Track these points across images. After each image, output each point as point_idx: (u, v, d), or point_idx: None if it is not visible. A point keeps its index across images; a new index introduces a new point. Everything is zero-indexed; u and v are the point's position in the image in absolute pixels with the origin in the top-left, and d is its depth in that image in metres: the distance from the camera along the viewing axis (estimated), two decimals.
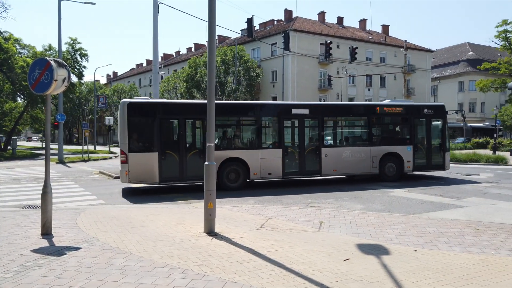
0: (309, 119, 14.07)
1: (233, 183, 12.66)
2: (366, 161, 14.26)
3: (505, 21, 36.97)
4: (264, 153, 13.09)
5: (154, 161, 11.85)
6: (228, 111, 13.78)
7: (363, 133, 14.95)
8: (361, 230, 7.04)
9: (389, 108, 15.08)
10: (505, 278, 4.61)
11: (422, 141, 15.14)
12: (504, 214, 8.78)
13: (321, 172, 13.78)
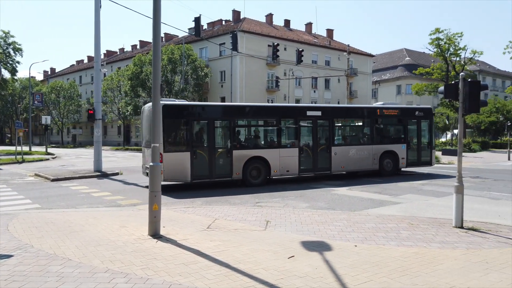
0: (321, 120, 15.10)
1: (255, 180, 13.58)
2: (368, 159, 15.74)
3: (438, 29, 39.80)
4: (283, 152, 14.16)
5: (186, 160, 12.48)
6: (251, 113, 14.66)
7: (366, 133, 16.32)
8: (305, 227, 7.23)
9: (388, 110, 16.59)
10: (435, 269, 4.97)
11: (413, 140, 16.81)
12: (435, 209, 9.46)
13: (331, 169, 15.03)
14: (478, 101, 7.13)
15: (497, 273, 4.82)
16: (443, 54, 40.49)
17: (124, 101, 48.81)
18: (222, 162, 13.11)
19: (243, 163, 13.30)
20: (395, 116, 16.75)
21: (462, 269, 4.94)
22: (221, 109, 14.67)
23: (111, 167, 20.46)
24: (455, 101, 7.50)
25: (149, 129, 12.78)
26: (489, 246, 6.08)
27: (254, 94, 46.42)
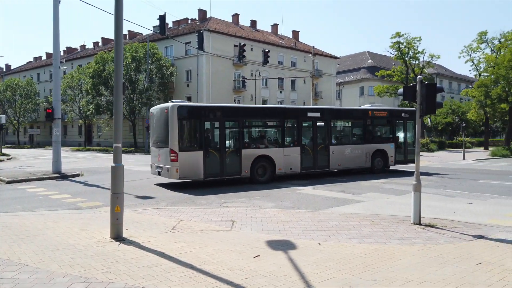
0: (320, 121, 16.14)
1: (261, 177, 14.39)
2: (362, 157, 17.00)
3: (398, 33, 41.32)
4: (287, 151, 15.01)
5: (199, 159, 13.03)
6: (258, 114, 15.69)
7: (360, 133, 17.51)
8: (271, 227, 7.30)
9: (378, 112, 17.90)
10: (394, 264, 5.16)
11: (400, 139, 18.23)
12: (395, 207, 9.81)
13: (329, 166, 16.11)
14: (434, 102, 7.47)
15: (452, 267, 5.07)
16: (403, 57, 42.08)
17: (85, 100, 47.18)
18: (232, 160, 13.79)
19: (251, 161, 14.08)
20: (384, 117, 18.11)
21: (419, 264, 5.15)
22: (231, 110, 15.33)
23: (72, 168, 19.73)
24: (413, 103, 7.81)
25: (158, 130, 13.73)
26: (444, 241, 6.38)
27: (221, 94, 46.24)
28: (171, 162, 12.65)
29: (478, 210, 9.39)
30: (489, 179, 15.76)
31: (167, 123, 12.90)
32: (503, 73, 34.35)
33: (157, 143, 13.94)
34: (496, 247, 6.01)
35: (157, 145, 13.93)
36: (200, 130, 13.34)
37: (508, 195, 11.57)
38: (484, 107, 39.88)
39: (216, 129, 13.80)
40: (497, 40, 40.43)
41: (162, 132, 13.31)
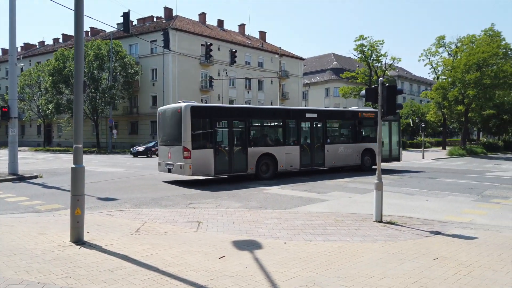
0: (317, 122, 17.30)
1: (265, 174, 15.31)
2: (353, 155, 18.26)
3: (362, 36, 42.45)
4: (288, 149, 16.02)
5: (210, 157, 13.81)
6: (262, 114, 16.69)
7: (351, 133, 18.76)
8: (237, 227, 7.29)
9: (367, 113, 19.12)
10: (357, 261, 5.30)
11: (386, 139, 19.29)
12: (359, 205, 10.07)
13: (324, 164, 17.35)
14: (394, 104, 7.74)
15: (411, 262, 5.27)
16: (367, 59, 43.27)
17: (44, 98, 45.23)
18: (239, 158, 14.66)
19: (256, 159, 14.99)
20: (372, 118, 19.03)
21: (380, 260, 5.32)
22: (238, 110, 16.34)
23: (30, 169, 18.87)
24: (375, 104, 8.05)
25: (169, 129, 14.49)
26: (404, 238, 6.62)
27: (187, 94, 45.72)
28: (184, 159, 13.35)
29: (436, 207, 9.81)
30: (446, 178, 16.50)
31: (179, 122, 13.62)
32: (459, 76, 36.05)
33: (167, 141, 14.64)
34: (452, 243, 6.30)
35: (167, 143, 14.63)
36: (210, 129, 14.12)
37: (464, 193, 12.17)
38: (442, 109, 41.67)
39: (225, 128, 14.78)
40: (454, 45, 42.40)
41: (174, 131, 14.06)
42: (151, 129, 46.96)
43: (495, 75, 35.25)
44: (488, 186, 13.68)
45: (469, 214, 8.99)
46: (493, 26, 38.99)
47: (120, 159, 29.95)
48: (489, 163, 27.76)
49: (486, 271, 4.90)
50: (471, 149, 38.67)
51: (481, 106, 39.17)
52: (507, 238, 6.57)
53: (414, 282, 4.53)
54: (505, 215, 8.89)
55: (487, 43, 36.46)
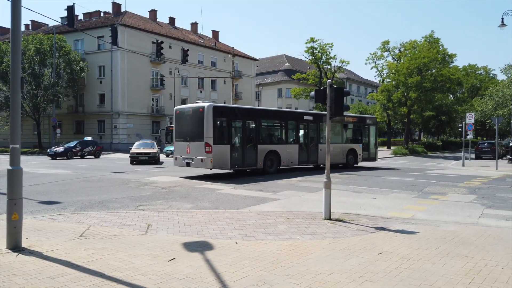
0: (312, 123, 19.42)
1: (270, 169, 17.20)
2: (340, 154, 20.52)
3: (313, 38, 43.53)
4: (289, 147, 18.09)
5: (227, 152, 15.45)
6: (270, 115, 18.69)
7: (340, 134, 21.01)
8: (188, 228, 7.18)
9: (352, 118, 22.34)
10: (306, 259, 5.41)
11: (365, 141, 22.12)
12: (309, 203, 10.31)
13: (318, 161, 19.52)
14: (342, 105, 8.01)
15: (357, 258, 5.47)
16: (317, 61, 44.44)
17: None
18: (250, 154, 16.44)
19: (264, 155, 16.84)
20: (356, 122, 22.11)
21: (328, 257, 5.47)
22: (250, 111, 18.11)
23: None
24: (324, 105, 8.27)
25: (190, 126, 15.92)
26: (351, 234, 6.87)
27: (137, 92, 44.45)
28: (206, 154, 14.76)
29: (381, 204, 10.28)
30: (390, 176, 17.36)
31: (202, 120, 15.03)
32: (402, 80, 38.09)
33: (186, 138, 15.95)
34: (394, 238, 6.63)
35: (185, 139, 15.93)
36: (228, 127, 15.90)
37: (406, 190, 12.86)
38: (386, 110, 43.79)
39: (240, 127, 16.39)
40: (397, 49, 44.73)
41: (195, 128, 15.48)
42: (98, 129, 45.08)
43: (434, 79, 37.63)
44: (428, 184, 14.55)
45: (410, 210, 9.51)
46: (433, 33, 41.60)
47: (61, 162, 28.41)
48: (429, 161, 29.59)
49: (425, 264, 5.21)
50: (413, 149, 41.03)
51: (422, 108, 41.66)
52: (444, 232, 7.02)
53: (360, 276, 4.71)
54: (442, 210, 9.51)
55: (428, 48, 38.83)
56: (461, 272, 4.90)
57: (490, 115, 31.78)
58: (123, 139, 43.47)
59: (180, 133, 16.41)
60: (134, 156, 23.90)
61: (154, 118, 46.15)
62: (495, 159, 22.48)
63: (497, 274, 4.83)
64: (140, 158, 23.86)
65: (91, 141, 32.92)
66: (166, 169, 20.15)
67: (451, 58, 42.28)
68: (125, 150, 39.16)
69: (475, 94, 58.42)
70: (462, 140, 26.80)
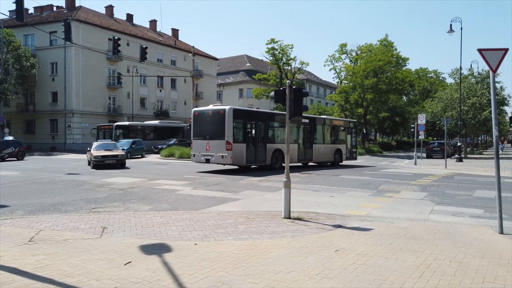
0: (308, 126, 21.97)
1: (275, 165, 19.29)
2: (329, 153, 23.16)
3: (273, 39, 43.94)
4: (291, 147, 18.83)
5: (243, 149, 17.68)
6: (276, 117, 20.40)
7: (329, 136, 23.77)
8: (146, 231, 7.01)
9: (338, 121, 25.64)
10: (265, 258, 5.44)
11: (348, 142, 24.91)
12: (269, 203, 10.38)
13: (312, 159, 22.15)
14: (301, 106, 8.14)
15: (315, 255, 5.57)
16: (278, 62, 44.93)
17: None
18: (261, 152, 18.64)
19: (271, 153, 19.06)
20: (341, 125, 25.11)
21: (287, 256, 5.53)
22: (262, 113, 20.80)
23: None
24: (283, 105, 8.36)
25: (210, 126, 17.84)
26: (310, 232, 6.99)
27: (93, 91, 42.88)
28: (226, 151, 16.90)
29: (338, 202, 10.54)
30: (347, 175, 17.87)
31: (223, 121, 17.06)
32: (359, 81, 39.37)
33: (205, 136, 17.94)
34: (351, 235, 6.82)
35: (205, 138, 17.92)
36: (243, 127, 18.06)
37: (362, 188, 13.29)
38: (344, 111, 45.07)
39: (253, 128, 18.60)
40: (354, 52, 46.14)
41: (216, 128, 17.47)
42: (51, 128, 43.04)
43: (389, 81, 39.17)
44: (383, 182, 15.12)
45: (366, 207, 9.83)
46: (387, 37, 43.32)
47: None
48: (384, 160, 30.76)
49: (380, 259, 5.40)
50: (369, 148, 42.49)
51: (378, 109, 43.28)
52: (397, 228, 7.31)
53: (317, 274, 4.80)
54: (396, 207, 9.91)
55: (383, 52, 40.37)
56: (413, 266, 5.12)
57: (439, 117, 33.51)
58: (78, 139, 41.78)
59: (199, 133, 18.38)
60: (99, 160, 20.44)
61: (111, 118, 44.68)
62: (445, 158, 23.74)
63: (445, 267, 5.10)
64: (107, 162, 20.58)
65: (13, 142, 29.17)
66: (129, 171, 19.55)
67: (404, 62, 44.22)
68: (80, 150, 37.69)
69: (426, 96, 61.40)
70: (415, 140, 28.08)
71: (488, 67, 7.36)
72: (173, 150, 29.33)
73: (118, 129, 36.58)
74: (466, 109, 32.11)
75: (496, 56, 7.18)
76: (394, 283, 4.52)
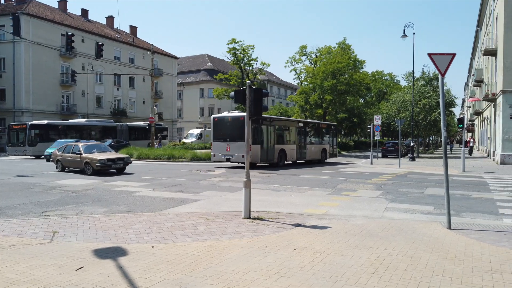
0: (303, 128, 25.59)
1: (279, 163, 22.23)
2: (318, 152, 26.72)
3: (234, 39, 43.86)
4: (291, 147, 23.61)
5: (258, 150, 20.54)
6: (280, 122, 24.03)
7: (317, 137, 27.65)
8: (100, 234, 6.75)
9: (323, 124, 29.24)
10: (224, 259, 5.40)
11: (330, 142, 28.94)
12: (230, 203, 10.34)
13: (306, 158, 25.32)
14: (261, 106, 8.16)
15: (274, 254, 5.60)
16: (239, 63, 44.90)
17: None
18: (270, 151, 21.65)
19: (277, 152, 22.09)
20: (326, 127, 28.95)
21: (246, 256, 5.52)
22: (271, 119, 23.04)
23: None
24: (244, 105, 8.35)
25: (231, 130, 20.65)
26: (269, 232, 7.02)
27: (44, 88, 40.86)
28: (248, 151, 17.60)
29: (298, 202, 10.69)
30: (307, 174, 18.16)
31: (243, 126, 18.51)
32: (319, 83, 40.15)
33: (225, 139, 20.73)
34: (309, 233, 6.92)
35: (225, 140, 20.73)
36: (258, 131, 20.78)
37: (321, 187, 13.55)
38: (304, 112, 45.79)
39: (265, 131, 21.45)
40: (314, 54, 47.02)
41: (236, 132, 20.20)
42: None
43: (347, 83, 40.27)
44: (341, 181, 15.51)
45: (324, 206, 10.03)
46: (345, 40, 44.53)
47: None
48: (342, 160, 31.50)
49: (336, 257, 5.51)
50: None
51: (336, 110, 44.33)
52: (354, 226, 7.52)
53: (276, 273, 4.83)
54: (353, 205, 10.19)
55: (341, 54, 41.44)
56: (367, 262, 5.28)
57: (394, 118, 34.89)
58: None
59: (219, 136, 21.11)
60: (105, 164, 17.00)
61: (64, 117, 42.75)
62: (399, 157, 24.75)
63: (397, 262, 5.29)
64: (114, 167, 17.59)
65: None
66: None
67: (361, 64, 45.65)
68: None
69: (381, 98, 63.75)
70: (371, 140, 29.05)
71: (437, 71, 7.73)
72: (131, 151, 28.54)
73: (34, 129, 31.48)
74: (418, 111, 33.63)
75: (444, 60, 7.57)
76: (349, 279, 4.63)
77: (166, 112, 56.79)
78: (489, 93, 29.06)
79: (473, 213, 9.18)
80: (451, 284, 4.53)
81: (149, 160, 26.40)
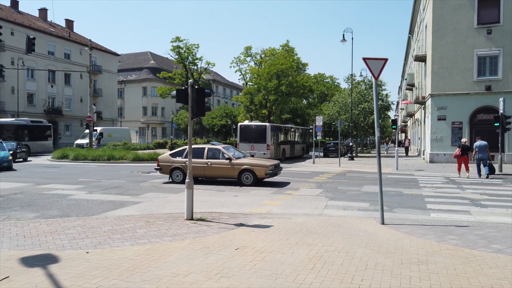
0: (294, 131, 32.79)
1: (282, 156, 28.16)
2: (300, 149, 33.42)
3: (178, 38, 43.04)
4: (288, 146, 30.16)
5: (273, 149, 26.62)
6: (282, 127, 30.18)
7: (301, 137, 34.63)
8: (29, 241, 6.30)
9: (304, 128, 36.67)
10: (164, 261, 5.28)
11: (308, 141, 36.51)
12: (172, 205, 10.14)
13: (294, 154, 31.31)
14: (203, 106, 8.08)
15: (215, 255, 5.58)
16: (183, 61, 44.16)
17: None
18: (279, 150, 27.77)
19: (281, 150, 28.18)
20: (305, 129, 36.51)
21: (187, 257, 5.45)
22: (281, 127, 29.58)
23: None
24: (186, 105, 8.22)
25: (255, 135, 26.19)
26: (212, 232, 6.98)
27: None
28: (267, 150, 25.56)
29: (242, 201, 10.74)
30: None
31: (264, 132, 25.89)
32: (263, 84, 40.63)
33: (250, 141, 26.14)
34: (252, 232, 6.98)
35: (250, 142, 26.12)
36: (274, 135, 26.87)
37: (265, 187, 13.72)
38: (250, 112, 46.12)
39: (277, 135, 27.69)
40: (259, 55, 47.52)
41: (259, 136, 25.97)
42: None
43: (290, 84, 41.17)
44: (284, 180, 15.81)
45: (267, 205, 10.18)
46: (288, 42, 45.49)
47: None
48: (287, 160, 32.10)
49: (277, 255, 5.62)
50: None
51: (280, 110, 45.16)
52: (295, 224, 7.70)
53: (217, 273, 4.81)
54: (295, 204, 10.44)
55: (285, 56, 42.28)
56: (306, 259, 5.44)
57: (335, 119, 36.29)
58: None
59: (245, 139, 26.47)
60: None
61: None
62: (338, 157, 25.79)
63: (334, 258, 5.51)
64: None
65: None
66: (13, 174, 17.35)
67: (304, 67, 46.86)
68: None
69: (323, 99, 65.96)
70: (313, 140, 29.98)
71: (371, 74, 8.17)
72: (67, 151, 26.93)
73: None
74: (357, 113, 35.28)
75: (378, 65, 8.01)
76: (288, 276, 4.74)
77: (106, 111, 54.32)
78: (419, 96, 31.24)
79: (404, 208, 9.80)
80: (382, 276, 4.80)
81: (87, 161, 25.11)
